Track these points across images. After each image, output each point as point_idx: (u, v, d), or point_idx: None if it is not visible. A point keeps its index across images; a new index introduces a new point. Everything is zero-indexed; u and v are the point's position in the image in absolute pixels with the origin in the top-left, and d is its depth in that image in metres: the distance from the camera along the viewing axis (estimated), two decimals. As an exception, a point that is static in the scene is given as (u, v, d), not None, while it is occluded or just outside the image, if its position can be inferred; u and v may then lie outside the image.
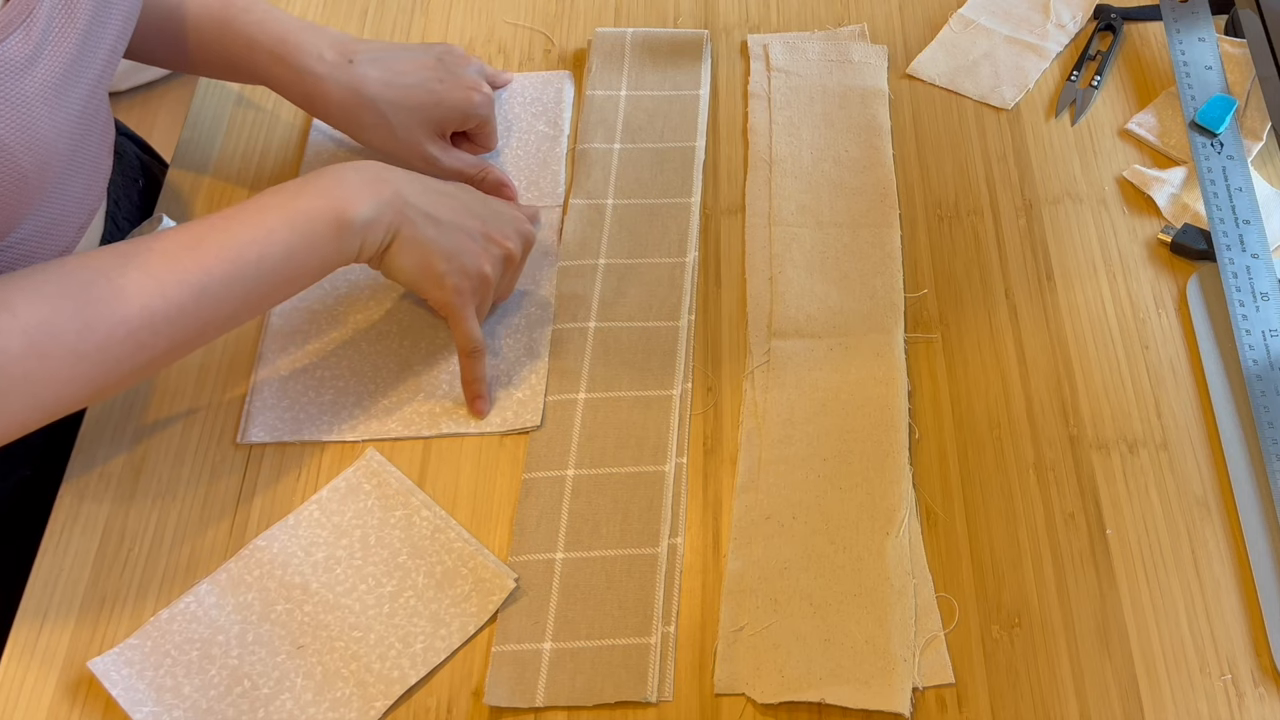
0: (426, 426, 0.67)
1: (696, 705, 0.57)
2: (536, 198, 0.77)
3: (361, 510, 0.63)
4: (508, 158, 0.79)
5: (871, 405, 0.66)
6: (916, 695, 0.57)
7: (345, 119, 0.72)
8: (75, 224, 0.66)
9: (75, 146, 0.61)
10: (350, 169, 0.62)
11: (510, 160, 0.79)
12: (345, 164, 0.63)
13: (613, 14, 0.87)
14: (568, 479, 0.65)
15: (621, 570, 0.61)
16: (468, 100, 0.73)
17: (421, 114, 0.72)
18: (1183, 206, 0.74)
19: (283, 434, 0.66)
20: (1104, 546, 0.62)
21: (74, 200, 0.65)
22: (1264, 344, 0.67)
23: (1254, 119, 0.79)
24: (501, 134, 0.80)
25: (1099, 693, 0.58)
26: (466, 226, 0.65)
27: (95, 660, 0.58)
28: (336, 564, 0.61)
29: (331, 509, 0.64)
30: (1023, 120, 0.80)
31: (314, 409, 0.67)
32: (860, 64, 0.83)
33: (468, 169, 0.75)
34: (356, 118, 0.72)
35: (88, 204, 0.67)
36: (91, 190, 0.67)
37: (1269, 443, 0.64)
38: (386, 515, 0.63)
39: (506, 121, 0.81)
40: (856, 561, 0.61)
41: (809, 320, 0.70)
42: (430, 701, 0.58)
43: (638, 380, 0.68)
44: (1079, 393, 0.67)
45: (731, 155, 0.79)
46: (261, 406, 0.67)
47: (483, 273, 0.65)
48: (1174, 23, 0.82)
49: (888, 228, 0.74)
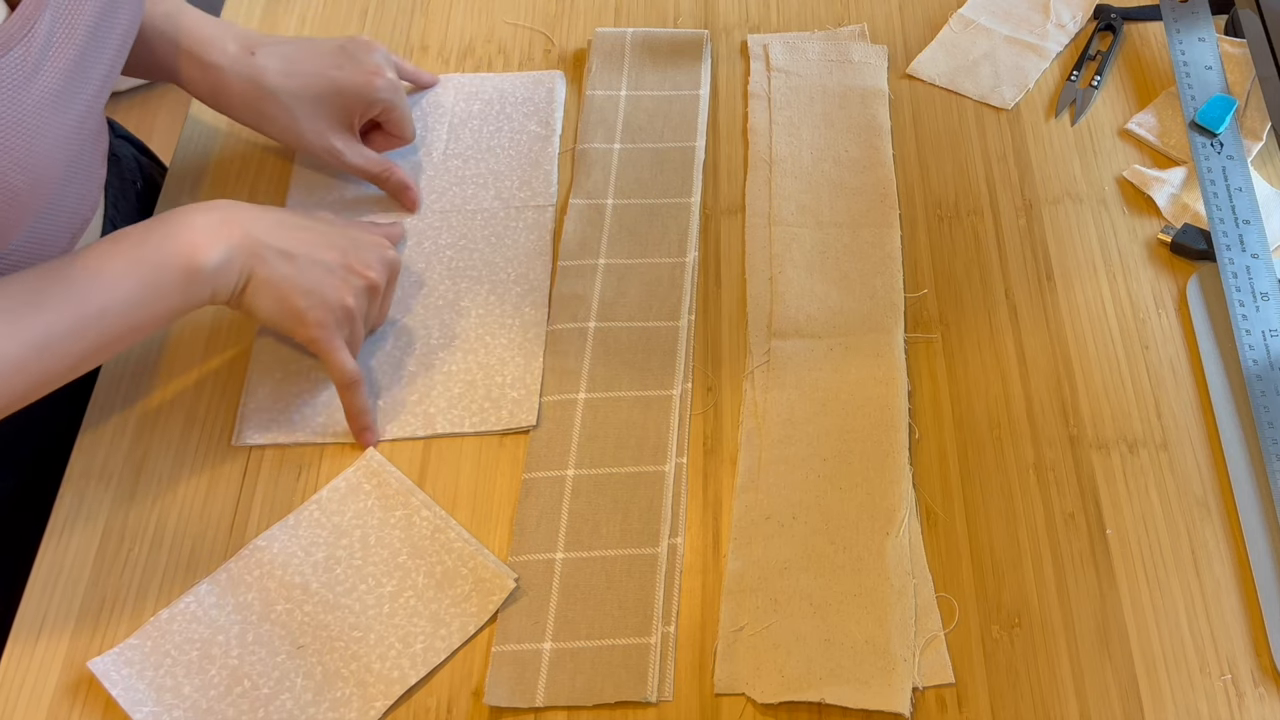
0: (421, 427, 0.67)
1: (696, 705, 0.57)
2: (529, 197, 0.77)
3: (361, 510, 0.63)
4: (499, 158, 0.79)
5: (871, 405, 0.66)
6: (916, 695, 0.57)
7: (248, 112, 0.71)
8: (69, 233, 0.66)
9: (72, 159, 0.60)
10: (198, 211, 0.60)
11: (502, 160, 0.79)
12: (193, 206, 0.60)
13: (613, 14, 0.87)
14: (568, 479, 0.65)
15: (621, 570, 0.61)
16: (368, 85, 0.72)
17: (323, 103, 0.71)
18: (1183, 206, 0.74)
19: (278, 436, 0.66)
20: (1104, 546, 0.62)
21: (68, 211, 0.65)
22: (1264, 344, 0.67)
23: (1254, 119, 0.79)
24: (492, 133, 0.80)
25: (1099, 693, 0.58)
26: (324, 260, 0.63)
27: (95, 660, 0.58)
28: (336, 564, 0.61)
29: (331, 509, 0.64)
30: (1023, 120, 0.80)
31: (308, 410, 0.67)
32: (860, 64, 0.83)
33: (372, 167, 0.74)
34: (258, 110, 0.71)
35: (82, 213, 0.67)
36: (86, 199, 0.67)
37: (1269, 443, 0.64)
38: (386, 515, 0.63)
39: (497, 121, 0.81)
40: (856, 561, 0.61)
41: (809, 320, 0.70)
42: (430, 701, 0.58)
43: (638, 380, 0.68)
44: (1079, 393, 0.67)
45: (731, 155, 0.79)
46: (255, 408, 0.67)
47: (345, 305, 0.63)
48: (1174, 23, 0.82)
49: (888, 228, 0.74)
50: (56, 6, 0.55)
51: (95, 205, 0.69)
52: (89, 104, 0.58)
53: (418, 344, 0.70)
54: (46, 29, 0.54)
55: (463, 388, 0.68)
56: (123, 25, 0.60)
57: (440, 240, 0.75)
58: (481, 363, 0.69)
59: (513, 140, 0.80)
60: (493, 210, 0.76)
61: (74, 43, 0.55)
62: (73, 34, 0.55)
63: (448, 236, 0.75)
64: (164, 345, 0.70)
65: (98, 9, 0.58)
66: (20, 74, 0.52)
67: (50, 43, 0.54)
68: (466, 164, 0.78)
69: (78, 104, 0.57)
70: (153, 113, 1.80)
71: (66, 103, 0.55)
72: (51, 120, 0.54)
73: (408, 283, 0.72)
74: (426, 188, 0.77)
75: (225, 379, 0.69)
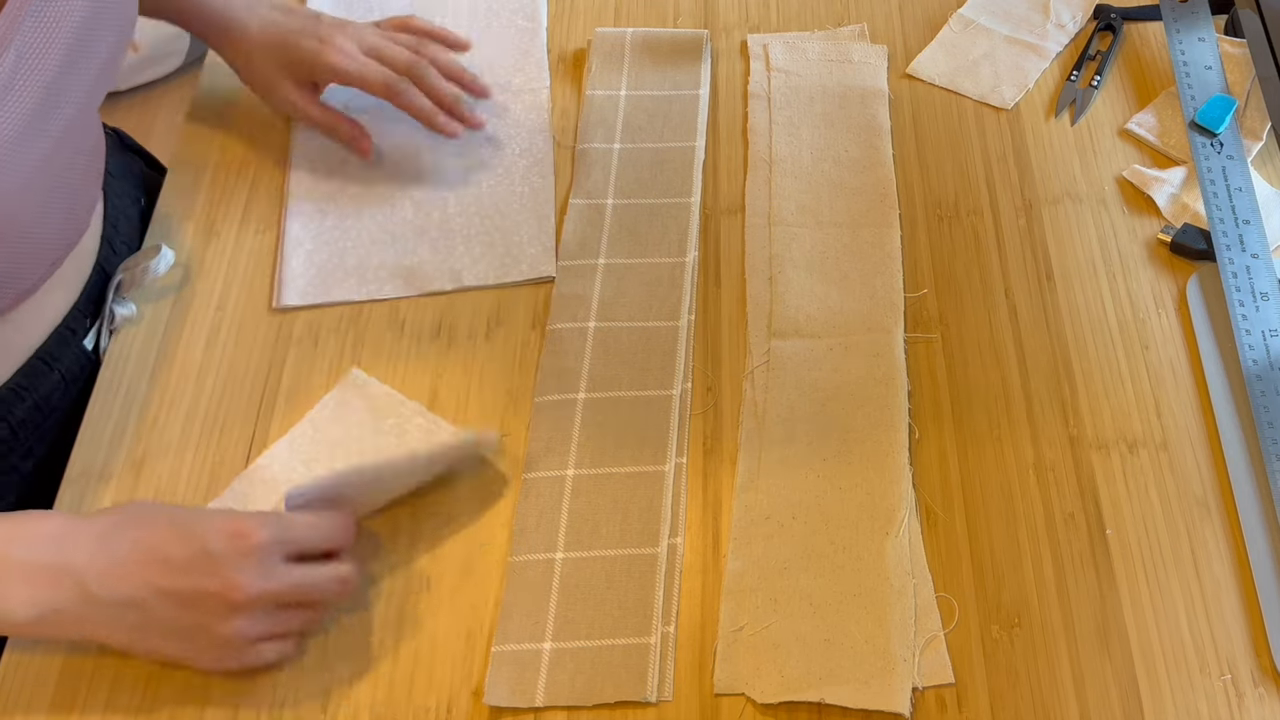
0: (449, 281, 0.72)
1: (696, 705, 0.57)
2: (525, 82, 0.82)
3: (354, 423, 0.66)
4: (492, 49, 0.84)
5: (871, 405, 0.66)
6: (916, 695, 0.57)
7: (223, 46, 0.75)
8: (48, 261, 0.63)
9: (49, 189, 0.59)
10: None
11: (495, 51, 0.84)
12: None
13: (613, 14, 0.87)
14: (567, 479, 0.64)
15: (621, 570, 0.61)
16: (318, 53, 0.73)
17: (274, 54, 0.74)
18: (1182, 206, 0.74)
19: (313, 297, 0.71)
20: (1104, 546, 0.62)
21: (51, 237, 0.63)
22: (1264, 344, 0.67)
23: (1254, 119, 0.79)
24: (480, 30, 0.85)
25: (1099, 693, 0.58)
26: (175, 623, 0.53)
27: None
28: None
29: (322, 424, 0.66)
30: (1023, 120, 0.80)
31: (340, 273, 0.72)
32: (860, 64, 0.83)
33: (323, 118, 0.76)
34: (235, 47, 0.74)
35: (67, 236, 0.65)
36: (71, 223, 0.65)
37: (1269, 443, 0.64)
38: (379, 424, 0.65)
39: (486, 19, 0.86)
40: (856, 561, 0.61)
41: (809, 320, 0.70)
42: (430, 701, 0.58)
43: (638, 380, 0.68)
44: (1079, 393, 0.67)
45: (731, 155, 0.79)
46: (291, 275, 0.72)
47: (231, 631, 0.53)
48: (1174, 23, 0.82)
49: (888, 228, 0.74)
50: (23, 43, 0.53)
51: (83, 228, 0.67)
52: (63, 132, 0.56)
53: (435, 213, 0.75)
54: (10, 66, 0.52)
55: (483, 248, 0.74)
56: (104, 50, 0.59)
57: None
58: (498, 225, 0.75)
59: (502, 35, 0.85)
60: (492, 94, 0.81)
61: (42, 78, 0.54)
62: (41, 69, 0.54)
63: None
64: (164, 345, 0.70)
65: (71, 41, 0.55)
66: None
67: (14, 81, 0.52)
68: (461, 56, 0.82)
69: (47, 136, 0.55)
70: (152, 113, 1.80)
71: (32, 140, 0.54)
72: (15, 156, 0.52)
73: (422, 163, 0.78)
74: None
75: (225, 379, 0.69)
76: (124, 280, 0.70)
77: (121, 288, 0.70)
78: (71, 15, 0.55)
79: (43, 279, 0.63)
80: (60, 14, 0.55)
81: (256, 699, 0.58)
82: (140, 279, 0.70)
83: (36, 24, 0.53)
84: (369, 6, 0.87)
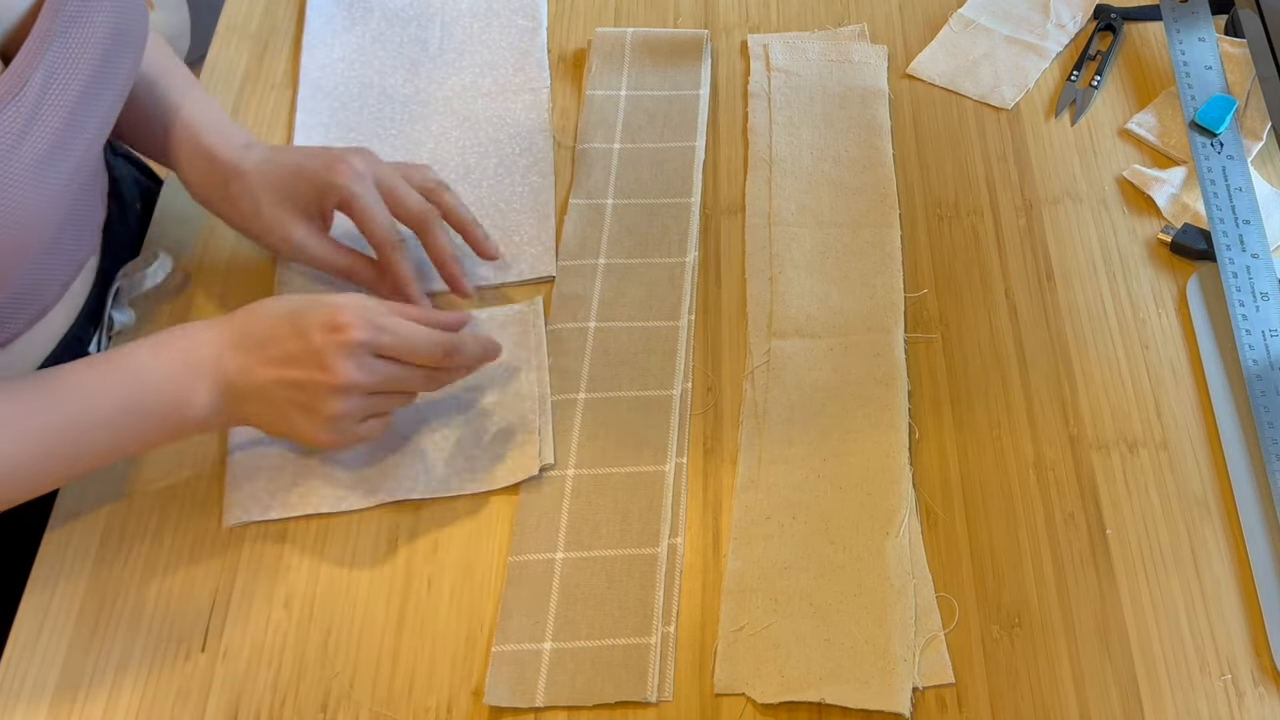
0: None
1: (696, 705, 0.57)
2: (524, 82, 0.82)
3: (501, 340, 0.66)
4: (491, 49, 0.84)
5: (872, 405, 0.66)
6: (916, 695, 0.57)
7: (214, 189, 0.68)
8: (61, 281, 0.64)
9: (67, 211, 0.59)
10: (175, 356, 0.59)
11: (494, 51, 0.84)
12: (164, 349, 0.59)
13: (613, 14, 0.87)
14: (568, 479, 0.64)
15: (621, 570, 0.61)
16: (328, 169, 0.66)
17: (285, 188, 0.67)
18: (1183, 206, 0.75)
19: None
20: (1104, 546, 0.62)
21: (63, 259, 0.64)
22: (1264, 344, 0.67)
23: (1254, 119, 0.79)
24: (482, 29, 0.85)
25: (1099, 693, 0.58)
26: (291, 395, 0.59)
27: None
28: None
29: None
30: (1023, 120, 0.80)
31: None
32: (860, 64, 0.83)
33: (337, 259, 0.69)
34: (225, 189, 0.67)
35: (78, 258, 0.66)
36: (82, 244, 0.66)
37: (1269, 443, 0.64)
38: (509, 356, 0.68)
39: (486, 18, 0.86)
40: (856, 561, 0.61)
41: (809, 320, 0.70)
42: (430, 701, 0.58)
43: (638, 380, 0.68)
44: (1079, 392, 0.67)
45: (731, 155, 0.79)
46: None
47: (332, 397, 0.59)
48: (1174, 23, 0.82)
49: (888, 228, 0.74)
50: (52, 62, 0.53)
51: (92, 249, 0.67)
52: (83, 154, 0.57)
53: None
54: (40, 85, 0.52)
55: None
56: (124, 73, 0.59)
57: (446, 122, 0.80)
58: (499, 225, 0.75)
59: (503, 34, 0.86)
60: (492, 94, 0.82)
61: (68, 98, 0.54)
62: (68, 89, 0.54)
63: (452, 119, 0.81)
64: (164, 345, 0.70)
65: (96, 61, 0.56)
66: (10, 135, 0.50)
67: (43, 100, 0.52)
68: (461, 55, 0.84)
69: (71, 157, 0.55)
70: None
71: (59, 159, 0.54)
72: (42, 179, 0.53)
73: (421, 161, 0.76)
74: (426, 79, 0.83)
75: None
76: (122, 287, 0.70)
77: (120, 295, 0.70)
78: (97, 37, 0.56)
79: (55, 299, 0.64)
80: (86, 37, 0.55)
81: (257, 698, 0.58)
82: (138, 286, 0.70)
83: (64, 45, 0.54)
84: (368, 7, 0.87)
